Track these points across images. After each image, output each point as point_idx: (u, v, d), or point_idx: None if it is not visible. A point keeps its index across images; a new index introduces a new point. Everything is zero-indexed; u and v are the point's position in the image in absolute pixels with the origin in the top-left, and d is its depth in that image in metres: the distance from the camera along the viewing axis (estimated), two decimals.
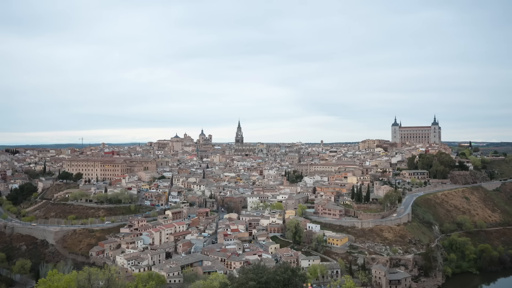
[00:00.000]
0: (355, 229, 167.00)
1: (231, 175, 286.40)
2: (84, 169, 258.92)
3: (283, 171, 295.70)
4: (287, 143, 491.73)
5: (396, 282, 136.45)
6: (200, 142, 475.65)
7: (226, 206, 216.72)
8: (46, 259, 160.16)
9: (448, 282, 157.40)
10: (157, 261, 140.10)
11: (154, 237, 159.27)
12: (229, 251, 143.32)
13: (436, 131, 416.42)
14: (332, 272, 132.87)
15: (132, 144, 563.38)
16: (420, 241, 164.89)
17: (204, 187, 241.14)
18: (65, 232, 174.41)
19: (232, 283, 79.33)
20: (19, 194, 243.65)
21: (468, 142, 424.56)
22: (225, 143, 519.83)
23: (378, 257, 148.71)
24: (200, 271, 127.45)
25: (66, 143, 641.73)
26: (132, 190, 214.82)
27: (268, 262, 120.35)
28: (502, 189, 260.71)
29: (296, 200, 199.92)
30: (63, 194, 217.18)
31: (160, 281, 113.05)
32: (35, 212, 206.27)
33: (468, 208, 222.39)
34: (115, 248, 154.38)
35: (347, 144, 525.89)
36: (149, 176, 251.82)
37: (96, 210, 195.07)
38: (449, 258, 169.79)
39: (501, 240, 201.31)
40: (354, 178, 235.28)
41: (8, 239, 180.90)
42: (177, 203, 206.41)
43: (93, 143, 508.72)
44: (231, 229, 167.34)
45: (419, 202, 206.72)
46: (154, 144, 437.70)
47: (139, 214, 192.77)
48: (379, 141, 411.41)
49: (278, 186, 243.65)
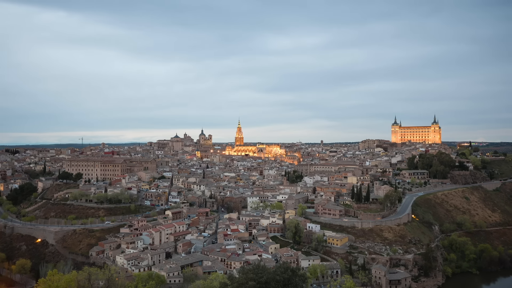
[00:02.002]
0: (355, 229, 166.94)
1: (231, 175, 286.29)
2: (84, 169, 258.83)
3: (283, 171, 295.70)
4: (287, 143, 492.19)
5: (396, 282, 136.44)
6: (200, 142, 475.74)
7: (226, 206, 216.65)
8: (46, 259, 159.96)
9: (448, 282, 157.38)
10: (157, 261, 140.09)
11: (154, 237, 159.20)
12: (229, 251, 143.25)
13: (436, 131, 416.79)
14: (332, 272, 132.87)
15: (132, 144, 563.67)
16: (420, 241, 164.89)
17: (204, 187, 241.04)
18: (65, 232, 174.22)
19: (232, 283, 79.27)
20: (19, 194, 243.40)
21: (468, 142, 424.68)
22: (225, 143, 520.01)
23: (378, 257, 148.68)
24: (200, 271, 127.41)
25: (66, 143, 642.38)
26: (132, 190, 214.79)
27: (268, 262, 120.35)
28: (502, 189, 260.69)
29: (296, 200, 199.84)
30: (63, 194, 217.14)
31: (160, 281, 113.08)
32: (35, 212, 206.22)
33: (468, 208, 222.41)
34: (115, 248, 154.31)
35: (347, 144, 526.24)
36: (149, 176, 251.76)
37: (96, 210, 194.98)
38: (449, 258, 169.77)
39: (501, 240, 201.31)
40: (354, 178, 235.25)
41: (8, 239, 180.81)
42: (177, 203, 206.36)
43: (93, 143, 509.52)
44: (231, 229, 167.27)
45: (419, 202, 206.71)
46: (154, 144, 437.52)
47: (139, 214, 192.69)
48: (379, 141, 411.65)
49: (278, 186, 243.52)
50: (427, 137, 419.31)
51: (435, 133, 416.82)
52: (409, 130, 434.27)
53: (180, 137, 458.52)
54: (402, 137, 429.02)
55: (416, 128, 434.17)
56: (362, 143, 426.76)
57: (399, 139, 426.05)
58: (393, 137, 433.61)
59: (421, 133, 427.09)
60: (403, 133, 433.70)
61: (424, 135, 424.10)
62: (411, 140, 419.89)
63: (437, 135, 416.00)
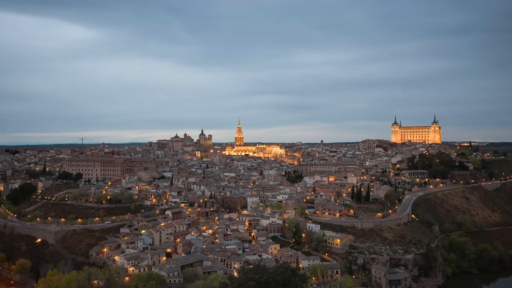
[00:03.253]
0: (355, 229, 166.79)
1: (231, 175, 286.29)
2: (84, 169, 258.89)
3: (283, 171, 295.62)
4: (287, 143, 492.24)
5: (396, 282, 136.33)
6: (200, 142, 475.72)
7: (226, 206, 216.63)
8: (46, 259, 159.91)
9: (448, 282, 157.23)
10: (157, 261, 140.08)
11: (154, 237, 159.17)
12: (229, 251, 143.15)
13: (436, 131, 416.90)
14: (332, 272, 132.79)
15: (132, 144, 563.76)
16: (420, 241, 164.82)
17: (204, 187, 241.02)
18: (65, 232, 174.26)
19: (232, 283, 79.30)
20: (19, 194, 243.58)
21: (468, 142, 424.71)
22: (225, 143, 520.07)
23: (378, 257, 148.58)
24: (200, 271, 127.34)
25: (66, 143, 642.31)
26: (132, 190, 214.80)
27: (268, 262, 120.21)
28: (502, 189, 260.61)
29: (296, 200, 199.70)
30: (63, 194, 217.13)
31: (160, 281, 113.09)
32: (35, 212, 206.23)
33: (468, 208, 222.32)
34: (115, 248, 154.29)
35: (347, 144, 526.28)
36: (149, 176, 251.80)
37: (96, 210, 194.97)
38: (449, 258, 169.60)
39: (501, 240, 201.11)
40: (354, 178, 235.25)
41: (8, 239, 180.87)
42: (177, 203, 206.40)
43: (93, 143, 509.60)
44: (231, 229, 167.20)
45: (419, 202, 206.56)
46: (154, 144, 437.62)
47: (139, 214, 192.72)
48: (379, 141, 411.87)
49: (278, 186, 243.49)
50: (427, 137, 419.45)
51: (435, 133, 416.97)
52: (409, 130, 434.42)
53: (180, 137, 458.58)
54: (402, 137, 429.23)
55: (416, 128, 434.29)
56: (362, 143, 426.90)
57: (399, 139, 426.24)
58: (393, 137, 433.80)
59: (421, 133, 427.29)
60: (403, 133, 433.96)
61: (424, 135, 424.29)
62: (411, 140, 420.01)
63: (437, 135, 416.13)
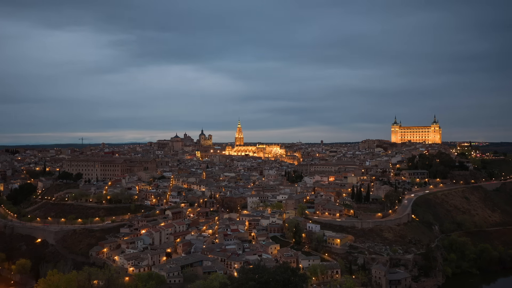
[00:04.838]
0: (355, 229, 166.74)
1: (231, 175, 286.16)
2: (84, 169, 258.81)
3: (283, 171, 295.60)
4: (287, 143, 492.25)
5: (396, 282, 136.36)
6: (200, 142, 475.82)
7: (226, 206, 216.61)
8: (46, 259, 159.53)
9: (448, 282, 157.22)
10: (157, 261, 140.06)
11: (154, 237, 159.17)
12: (229, 251, 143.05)
13: (436, 131, 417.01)
14: (332, 272, 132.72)
15: (132, 144, 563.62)
16: (420, 241, 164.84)
17: (204, 187, 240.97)
18: (65, 232, 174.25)
19: (232, 283, 79.37)
20: (19, 194, 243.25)
21: (468, 142, 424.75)
22: (225, 143, 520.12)
23: (378, 257, 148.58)
24: (200, 271, 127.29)
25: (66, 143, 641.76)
26: (132, 190, 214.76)
27: (268, 262, 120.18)
28: (502, 189, 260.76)
29: (296, 200, 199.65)
30: (63, 194, 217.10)
31: (160, 281, 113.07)
32: (35, 212, 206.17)
33: (468, 208, 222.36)
34: (115, 248, 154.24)
35: (347, 144, 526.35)
36: (149, 176, 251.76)
37: (96, 210, 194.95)
38: (449, 258, 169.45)
39: (501, 240, 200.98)
40: (354, 178, 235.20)
41: (8, 239, 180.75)
42: (177, 203, 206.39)
43: (93, 143, 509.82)
44: (231, 229, 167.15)
45: (419, 202, 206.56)
46: (154, 144, 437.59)
47: (139, 214, 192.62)
48: (379, 141, 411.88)
49: (278, 186, 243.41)
50: (427, 137, 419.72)
51: (435, 133, 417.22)
52: (409, 130, 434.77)
53: (180, 137, 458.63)
54: (402, 137, 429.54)
55: (416, 128, 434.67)
56: (362, 143, 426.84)
57: (399, 139, 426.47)
58: (393, 137, 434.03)
59: (421, 133, 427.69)
60: (403, 133, 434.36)
61: (424, 135, 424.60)
62: (411, 140, 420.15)
63: (437, 135, 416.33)
